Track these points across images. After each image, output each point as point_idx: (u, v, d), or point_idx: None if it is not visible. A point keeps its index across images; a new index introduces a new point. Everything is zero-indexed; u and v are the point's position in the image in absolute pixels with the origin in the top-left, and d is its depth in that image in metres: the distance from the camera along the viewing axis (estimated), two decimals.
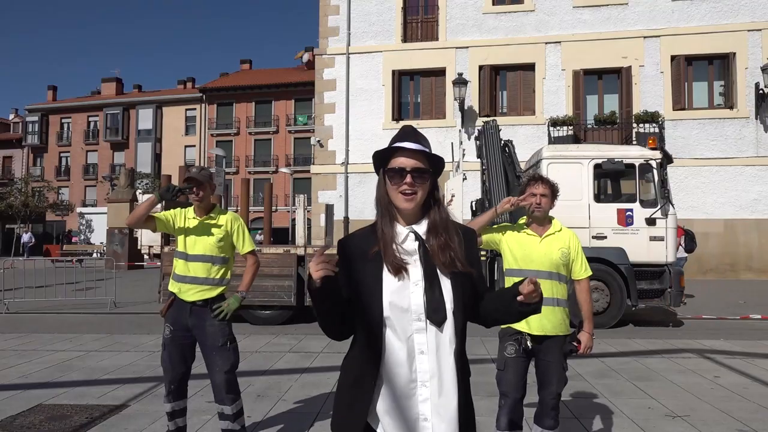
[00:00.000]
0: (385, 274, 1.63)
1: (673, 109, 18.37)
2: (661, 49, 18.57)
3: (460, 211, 9.84)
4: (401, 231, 1.69)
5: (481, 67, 19.50)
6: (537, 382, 3.24)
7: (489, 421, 3.67)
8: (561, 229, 3.27)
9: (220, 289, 3.63)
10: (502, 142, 10.47)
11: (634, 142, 17.38)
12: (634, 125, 18.18)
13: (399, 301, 1.61)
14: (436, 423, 1.58)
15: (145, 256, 25.31)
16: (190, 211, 3.70)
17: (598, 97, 19.29)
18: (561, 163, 8.98)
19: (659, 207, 8.70)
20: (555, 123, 18.39)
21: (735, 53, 18.17)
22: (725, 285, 15.62)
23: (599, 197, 9.23)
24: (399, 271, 1.62)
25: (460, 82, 18.84)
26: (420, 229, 1.69)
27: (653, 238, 8.73)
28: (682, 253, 11.50)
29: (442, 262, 1.64)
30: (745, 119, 18.03)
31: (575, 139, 17.98)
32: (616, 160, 8.86)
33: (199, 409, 4.53)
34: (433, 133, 17.36)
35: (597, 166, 8.91)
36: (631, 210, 8.80)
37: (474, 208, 11.21)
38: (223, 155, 22.65)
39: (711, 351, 6.89)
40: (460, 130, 17.07)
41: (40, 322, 9.55)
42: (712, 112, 18.38)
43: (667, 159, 8.96)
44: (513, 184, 9.91)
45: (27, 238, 33.18)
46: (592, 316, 3.27)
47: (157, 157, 45.06)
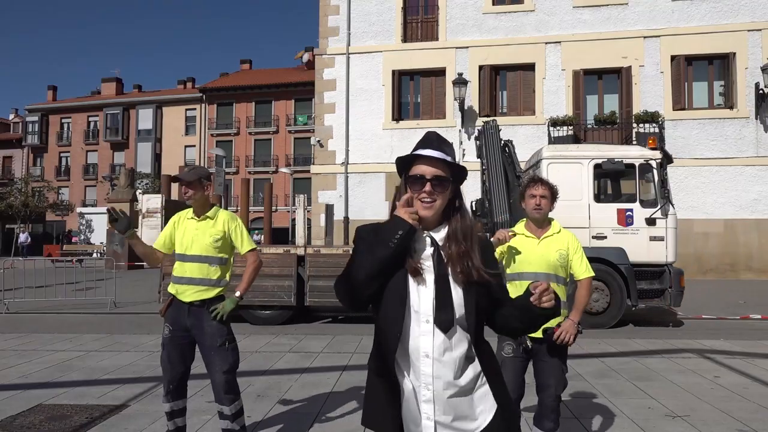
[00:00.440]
0: (405, 274, 1.67)
1: (673, 109, 18.37)
2: (661, 49, 18.57)
3: None
4: (419, 235, 1.71)
5: (481, 67, 19.50)
6: (536, 383, 3.24)
7: None
8: (560, 231, 3.27)
9: (218, 290, 3.60)
10: (502, 142, 10.47)
11: (634, 142, 17.38)
12: (634, 125, 18.18)
13: (412, 302, 1.66)
14: (440, 423, 1.64)
15: None
16: (189, 211, 3.69)
17: (598, 97, 19.29)
18: (561, 163, 8.99)
19: (659, 207, 8.71)
20: (555, 123, 18.39)
21: (735, 53, 18.17)
22: (725, 285, 15.62)
23: (599, 197, 9.23)
24: (416, 273, 1.66)
25: (460, 82, 18.84)
26: (438, 236, 1.72)
27: (653, 238, 8.74)
28: None
29: (459, 270, 1.67)
30: (745, 119, 18.04)
31: (575, 139, 17.98)
32: (616, 160, 8.86)
33: (199, 409, 4.53)
34: None
35: (597, 166, 8.91)
36: (631, 210, 8.80)
37: (474, 208, 11.21)
38: (223, 155, 22.67)
39: (711, 351, 6.89)
40: (460, 130, 17.10)
41: (40, 322, 9.55)
42: (712, 112, 18.38)
43: (667, 159, 8.96)
44: (513, 184, 9.91)
45: (23, 238, 33.15)
46: (583, 309, 3.24)
47: (157, 157, 45.07)
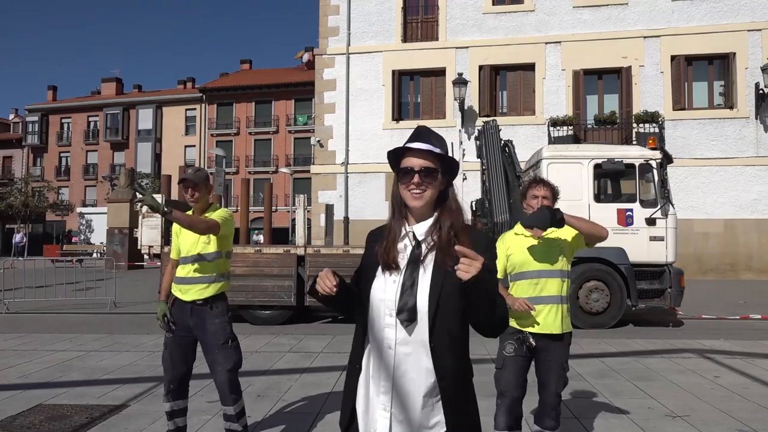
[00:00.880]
0: (380, 268, 1.72)
1: (673, 109, 18.37)
2: (661, 49, 18.57)
3: None
4: (404, 229, 1.74)
5: (481, 67, 19.50)
6: (537, 382, 3.24)
7: (487, 421, 3.66)
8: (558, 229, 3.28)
9: (219, 285, 3.61)
10: (502, 142, 10.47)
11: (634, 142, 17.38)
12: (634, 125, 18.18)
13: (377, 294, 1.70)
14: (396, 414, 1.65)
15: (145, 256, 25.23)
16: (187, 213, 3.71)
17: (598, 97, 19.28)
18: (561, 163, 8.99)
19: (659, 207, 8.71)
20: (555, 123, 18.38)
21: (735, 53, 18.16)
22: (725, 285, 15.62)
23: (599, 197, 9.23)
24: (387, 266, 1.70)
25: (460, 82, 18.84)
26: (422, 229, 1.72)
27: (653, 238, 8.73)
28: None
29: (437, 263, 1.66)
30: (745, 119, 18.03)
31: (575, 139, 17.98)
32: (616, 160, 8.86)
33: (199, 409, 4.53)
34: None
35: (597, 166, 8.91)
36: (631, 210, 8.80)
37: (474, 208, 11.21)
38: (223, 155, 22.64)
39: (711, 351, 6.89)
40: (460, 130, 17.10)
41: (40, 322, 9.55)
42: (712, 112, 18.38)
43: (667, 159, 8.96)
44: (513, 184, 9.91)
45: (18, 239, 33.09)
46: (581, 224, 3.17)
47: (157, 157, 45.06)
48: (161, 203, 3.35)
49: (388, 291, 1.67)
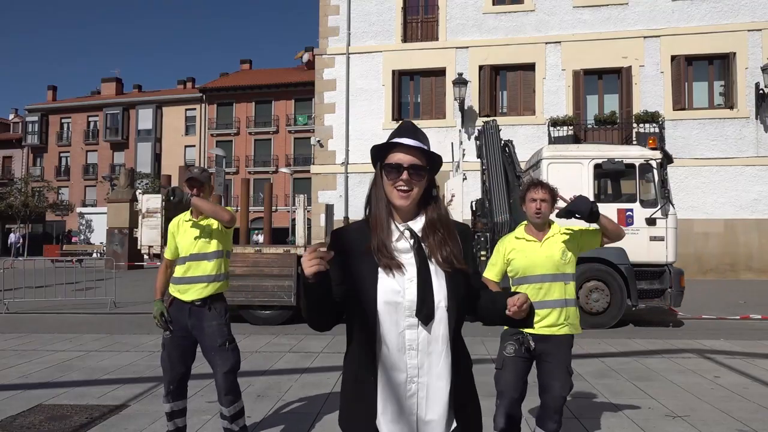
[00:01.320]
0: (380, 271, 1.63)
1: (673, 109, 18.36)
2: (661, 49, 18.56)
3: (460, 211, 9.82)
4: (397, 227, 1.69)
5: (481, 67, 19.49)
6: (539, 384, 3.21)
7: (487, 421, 3.66)
8: (559, 230, 3.28)
9: (218, 285, 3.61)
10: (502, 142, 10.46)
11: (634, 142, 17.37)
12: (634, 125, 18.17)
13: (393, 297, 1.61)
14: (422, 417, 1.61)
15: (145, 256, 25.23)
16: (186, 214, 3.71)
17: (598, 97, 19.28)
18: (561, 163, 8.98)
19: (659, 207, 8.70)
20: (555, 123, 18.38)
21: (735, 53, 18.16)
22: (725, 285, 15.62)
23: (599, 197, 9.22)
24: (393, 268, 1.62)
25: (460, 82, 18.84)
26: (416, 226, 1.69)
27: (653, 238, 8.73)
28: None
29: (439, 259, 1.65)
30: (745, 119, 18.03)
31: (575, 139, 17.97)
32: (616, 160, 8.86)
33: (199, 409, 4.53)
34: (433, 133, 17.33)
35: (597, 166, 8.91)
36: (631, 210, 8.80)
37: (474, 208, 11.20)
38: (223, 155, 22.64)
39: (711, 351, 6.89)
40: (460, 130, 17.08)
41: (40, 322, 9.55)
42: (712, 112, 18.38)
43: (667, 159, 8.96)
44: (513, 184, 9.90)
45: (14, 239, 33.00)
46: (609, 224, 3.19)
47: (157, 157, 45.05)
48: (184, 194, 3.52)
49: (408, 292, 1.61)
